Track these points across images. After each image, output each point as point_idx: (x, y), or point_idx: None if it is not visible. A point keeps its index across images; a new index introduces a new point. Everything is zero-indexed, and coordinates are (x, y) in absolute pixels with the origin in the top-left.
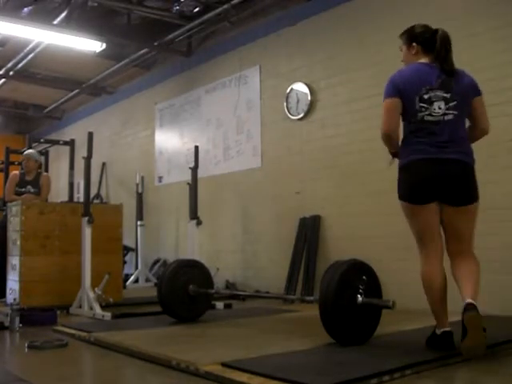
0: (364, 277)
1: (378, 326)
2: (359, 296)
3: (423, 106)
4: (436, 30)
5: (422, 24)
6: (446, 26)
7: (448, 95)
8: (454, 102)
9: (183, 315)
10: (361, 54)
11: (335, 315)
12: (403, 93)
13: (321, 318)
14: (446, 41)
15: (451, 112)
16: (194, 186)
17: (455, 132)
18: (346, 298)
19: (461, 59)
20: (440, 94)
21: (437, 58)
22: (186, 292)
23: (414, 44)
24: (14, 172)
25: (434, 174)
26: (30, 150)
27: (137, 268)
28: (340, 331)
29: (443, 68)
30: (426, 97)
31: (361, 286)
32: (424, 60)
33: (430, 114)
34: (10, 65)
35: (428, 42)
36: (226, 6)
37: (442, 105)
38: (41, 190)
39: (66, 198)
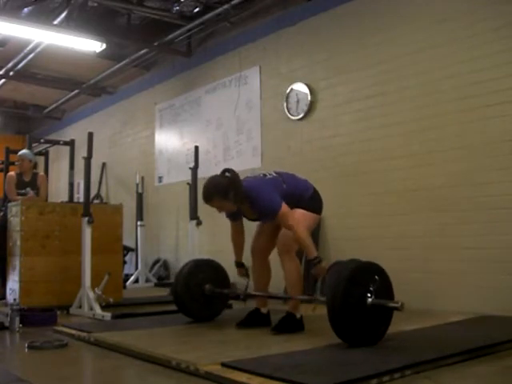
0: (377, 277)
1: (388, 327)
2: (369, 297)
3: None
4: (223, 173)
5: (213, 181)
6: (446, 25)
7: None
8: None
9: (199, 315)
10: (361, 53)
11: (344, 315)
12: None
13: (329, 319)
14: None
15: None
16: (193, 186)
17: None
18: (355, 297)
19: (461, 59)
20: None
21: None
22: (201, 291)
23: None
24: (10, 173)
25: None
26: (24, 151)
27: (137, 268)
28: (350, 332)
29: None
30: None
31: (372, 287)
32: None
33: None
34: (10, 65)
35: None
36: (226, 6)
37: None
38: (39, 190)
39: (66, 198)
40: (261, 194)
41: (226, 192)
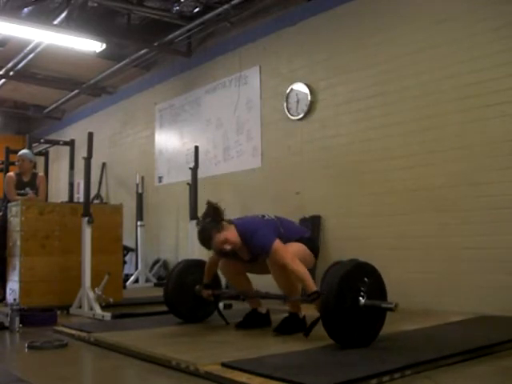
0: (366, 278)
1: (381, 328)
2: (361, 298)
3: None
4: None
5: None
6: (446, 26)
7: None
8: None
9: (189, 315)
10: (361, 54)
11: (338, 319)
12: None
13: (322, 322)
14: None
15: None
16: (193, 186)
17: None
18: (347, 300)
19: (461, 59)
20: None
21: None
22: (192, 292)
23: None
24: (9, 173)
25: None
26: (25, 151)
27: (137, 268)
28: (343, 334)
29: None
30: None
31: (362, 288)
32: None
33: None
34: (10, 65)
35: None
36: (226, 6)
37: None
38: (38, 190)
39: (66, 198)
40: (256, 230)
41: (217, 222)
